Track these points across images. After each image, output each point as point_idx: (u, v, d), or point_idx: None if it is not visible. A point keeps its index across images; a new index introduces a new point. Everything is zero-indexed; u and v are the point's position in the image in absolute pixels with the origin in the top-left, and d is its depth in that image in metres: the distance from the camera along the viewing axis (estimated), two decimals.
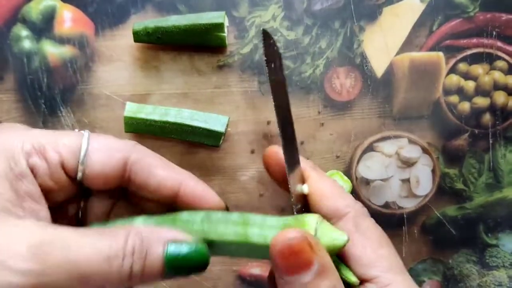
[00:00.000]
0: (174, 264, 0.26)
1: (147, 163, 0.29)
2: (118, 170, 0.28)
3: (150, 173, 0.29)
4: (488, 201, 0.48)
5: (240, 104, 0.47)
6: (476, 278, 0.48)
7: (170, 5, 0.47)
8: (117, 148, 0.29)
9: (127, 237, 0.25)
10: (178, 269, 0.26)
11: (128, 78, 0.47)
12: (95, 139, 0.29)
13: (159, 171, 0.29)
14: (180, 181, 0.29)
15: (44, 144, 0.27)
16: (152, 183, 0.29)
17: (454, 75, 0.47)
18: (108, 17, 0.47)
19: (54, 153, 0.27)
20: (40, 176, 0.27)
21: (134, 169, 0.29)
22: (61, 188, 0.28)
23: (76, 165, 0.28)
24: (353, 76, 0.47)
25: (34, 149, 0.27)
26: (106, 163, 0.28)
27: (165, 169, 0.29)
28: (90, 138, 0.28)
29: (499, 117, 0.47)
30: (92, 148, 0.28)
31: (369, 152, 0.47)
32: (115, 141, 0.29)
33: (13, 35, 0.46)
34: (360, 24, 0.47)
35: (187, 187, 0.29)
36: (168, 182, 0.29)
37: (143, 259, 0.25)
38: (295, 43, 0.47)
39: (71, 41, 0.47)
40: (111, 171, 0.28)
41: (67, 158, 0.27)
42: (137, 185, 0.29)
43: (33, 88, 0.47)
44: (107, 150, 0.28)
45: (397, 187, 0.47)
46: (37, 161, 0.27)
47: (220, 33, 0.45)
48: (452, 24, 0.47)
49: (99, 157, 0.28)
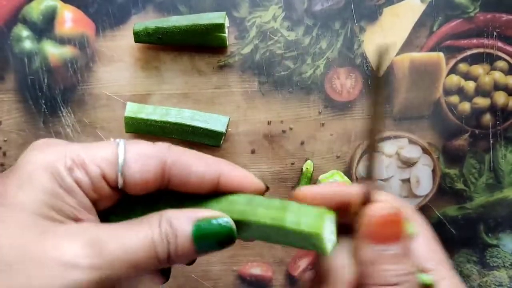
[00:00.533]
0: (202, 240, 0.28)
1: (184, 163, 0.30)
2: (156, 175, 0.29)
3: (189, 173, 0.30)
4: (489, 201, 0.48)
5: (240, 104, 0.47)
6: (477, 278, 0.48)
7: (170, 6, 0.47)
8: (153, 154, 0.30)
9: (160, 222, 0.28)
10: (207, 244, 0.28)
11: (129, 78, 0.47)
12: (130, 147, 0.30)
13: (197, 168, 0.30)
14: (218, 172, 0.30)
15: (83, 159, 0.28)
16: (192, 181, 0.30)
17: (454, 75, 0.47)
18: (109, 18, 0.47)
19: (94, 167, 0.28)
20: (84, 190, 0.28)
21: (173, 172, 0.29)
22: (104, 198, 0.29)
23: (115, 175, 0.29)
24: (353, 76, 0.47)
25: (75, 165, 0.28)
26: (144, 170, 0.29)
27: (202, 164, 0.30)
28: (126, 147, 0.30)
29: (499, 117, 0.47)
30: (129, 158, 0.29)
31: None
32: (150, 147, 0.30)
33: (14, 36, 0.46)
34: (360, 25, 0.47)
35: (226, 177, 0.30)
36: (207, 176, 0.30)
37: (174, 239, 0.27)
38: (296, 44, 0.47)
39: (71, 42, 0.47)
40: (150, 177, 0.29)
41: (107, 170, 0.28)
42: (177, 184, 0.30)
43: (33, 88, 0.47)
44: (144, 158, 0.29)
45: (397, 187, 0.47)
46: (79, 175, 0.28)
47: (220, 34, 0.45)
48: (452, 24, 0.47)
49: (136, 166, 0.29)
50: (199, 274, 0.47)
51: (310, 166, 0.47)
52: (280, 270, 0.48)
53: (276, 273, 0.48)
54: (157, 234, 0.27)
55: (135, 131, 0.46)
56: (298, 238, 0.28)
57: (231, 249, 0.47)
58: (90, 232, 0.27)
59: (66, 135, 0.47)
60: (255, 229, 0.29)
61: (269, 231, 0.29)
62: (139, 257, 0.27)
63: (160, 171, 0.29)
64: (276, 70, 0.47)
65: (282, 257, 0.48)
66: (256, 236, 0.30)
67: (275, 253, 0.47)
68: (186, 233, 0.28)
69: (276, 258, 0.48)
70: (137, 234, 0.27)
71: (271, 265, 0.48)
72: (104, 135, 0.47)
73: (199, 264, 0.47)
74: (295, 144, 0.47)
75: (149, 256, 0.27)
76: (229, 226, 0.29)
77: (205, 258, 0.47)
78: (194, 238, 0.28)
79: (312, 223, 0.28)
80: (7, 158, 0.47)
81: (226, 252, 0.47)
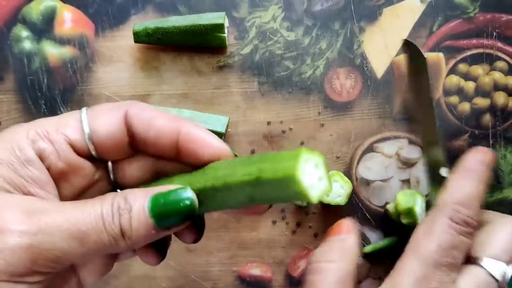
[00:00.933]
0: (158, 212, 0.26)
1: (146, 115, 0.29)
2: (121, 128, 0.28)
3: (149, 125, 0.28)
4: (489, 202, 0.48)
5: (240, 104, 0.47)
6: None
7: (170, 6, 0.47)
8: (114, 107, 0.29)
9: (113, 199, 0.27)
10: (165, 216, 0.27)
11: (128, 79, 0.47)
12: (92, 109, 0.29)
13: (157, 121, 0.28)
14: (177, 128, 0.28)
15: (47, 128, 0.28)
16: (151, 134, 0.28)
17: (454, 76, 0.47)
18: (108, 18, 0.47)
19: (58, 134, 0.28)
20: (49, 160, 0.27)
21: (134, 123, 0.28)
22: (76, 169, 0.28)
23: (83, 140, 0.28)
24: (353, 76, 0.47)
25: (38, 135, 0.27)
26: (108, 124, 0.28)
27: (163, 118, 0.29)
28: (88, 110, 0.29)
29: (499, 118, 0.47)
30: (92, 118, 0.28)
31: (369, 152, 0.47)
32: (111, 104, 0.30)
33: (13, 36, 0.46)
34: (360, 25, 0.47)
35: (186, 134, 0.28)
36: (166, 130, 0.28)
37: (128, 212, 0.26)
38: (295, 44, 0.47)
39: (71, 42, 0.47)
40: (116, 130, 0.28)
41: (71, 135, 0.28)
42: (140, 141, 0.29)
43: (33, 88, 0.47)
44: (106, 113, 0.29)
45: (397, 187, 0.47)
46: (43, 145, 0.27)
47: (220, 34, 0.45)
48: (452, 24, 0.47)
49: (100, 122, 0.28)
50: (199, 275, 0.47)
51: None
52: (280, 270, 0.48)
53: (275, 274, 0.48)
54: (107, 207, 0.26)
55: None
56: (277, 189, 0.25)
57: (231, 250, 0.47)
58: (31, 203, 0.26)
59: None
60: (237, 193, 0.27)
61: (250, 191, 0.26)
62: (84, 229, 0.25)
63: (123, 122, 0.28)
64: (276, 70, 0.47)
65: (282, 257, 0.47)
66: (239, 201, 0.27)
67: (275, 254, 0.47)
68: (141, 206, 0.26)
69: (276, 259, 0.47)
70: (85, 208, 0.26)
71: (271, 265, 0.47)
72: None
73: (199, 264, 0.47)
74: (294, 144, 0.47)
75: (96, 228, 0.26)
76: (189, 197, 0.27)
77: (205, 258, 0.47)
78: (150, 211, 0.26)
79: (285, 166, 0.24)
80: None
81: (225, 253, 0.47)
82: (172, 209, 0.27)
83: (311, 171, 0.24)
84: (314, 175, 0.25)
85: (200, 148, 0.28)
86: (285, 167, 0.24)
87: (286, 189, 0.24)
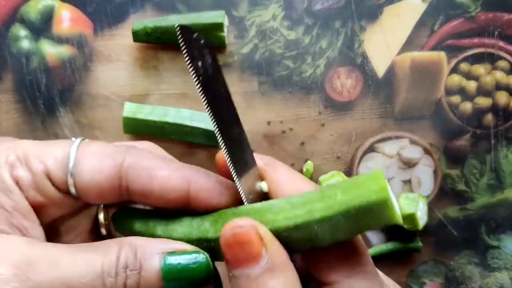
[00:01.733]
0: (173, 276, 0.24)
1: (144, 166, 0.25)
2: (111, 178, 0.25)
3: (151, 177, 0.25)
4: (490, 202, 0.47)
5: (239, 104, 0.47)
6: (478, 279, 0.48)
7: (169, 5, 0.47)
8: (108, 153, 0.26)
9: (120, 251, 0.24)
10: (178, 281, 0.24)
11: (127, 78, 0.47)
12: (84, 147, 0.26)
13: (160, 172, 0.25)
14: (187, 179, 0.25)
15: (29, 155, 0.25)
16: (155, 187, 0.25)
17: (455, 75, 0.47)
18: (107, 17, 0.47)
19: (38, 163, 0.25)
20: (26, 190, 0.25)
21: (131, 175, 0.25)
22: (54, 202, 0.26)
23: (64, 176, 0.25)
24: (354, 76, 0.47)
25: (18, 160, 0.25)
26: (97, 172, 0.25)
27: (167, 168, 0.26)
28: (80, 146, 0.26)
29: (501, 118, 0.47)
30: (81, 156, 0.25)
31: (370, 152, 0.47)
32: (106, 147, 0.26)
33: (11, 35, 0.46)
34: (361, 24, 0.47)
35: (198, 184, 0.25)
36: (172, 182, 0.25)
37: (137, 272, 0.23)
38: (296, 43, 0.47)
39: (69, 41, 0.46)
40: (104, 181, 0.25)
41: (52, 168, 0.25)
42: (139, 193, 0.26)
43: (31, 88, 0.46)
44: (97, 157, 0.25)
45: (399, 188, 0.47)
46: (21, 173, 0.25)
47: (219, 33, 0.45)
48: (453, 24, 0.47)
49: (88, 166, 0.25)
50: None
51: (310, 167, 0.46)
52: None
53: None
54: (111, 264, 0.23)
55: (134, 131, 0.46)
56: (361, 216, 0.22)
57: None
58: (18, 252, 0.23)
59: (64, 135, 0.46)
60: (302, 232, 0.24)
61: (321, 228, 0.23)
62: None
63: (116, 174, 0.25)
64: (276, 69, 0.47)
65: None
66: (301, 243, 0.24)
67: None
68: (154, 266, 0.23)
69: None
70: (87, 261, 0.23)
71: None
72: (102, 136, 0.46)
73: None
74: (295, 144, 0.47)
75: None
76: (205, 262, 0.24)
77: None
78: (163, 272, 0.23)
79: (373, 189, 0.22)
80: None
81: None
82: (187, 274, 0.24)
83: (389, 189, 0.22)
84: (391, 194, 0.23)
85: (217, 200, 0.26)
86: (373, 190, 0.22)
87: (376, 215, 0.22)
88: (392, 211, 0.22)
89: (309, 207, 0.23)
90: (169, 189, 0.25)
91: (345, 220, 0.22)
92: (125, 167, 0.25)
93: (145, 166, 0.25)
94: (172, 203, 0.26)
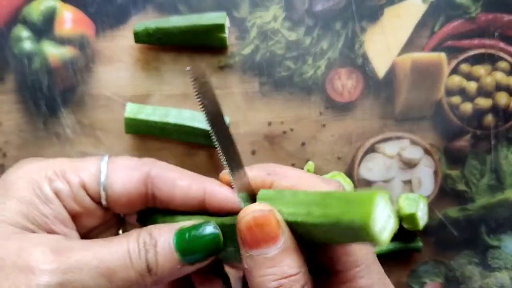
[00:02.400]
0: (185, 247, 0.27)
1: (169, 176, 0.30)
2: (139, 188, 0.29)
3: (174, 185, 0.29)
4: (490, 203, 0.48)
5: (240, 105, 0.47)
6: (478, 279, 0.48)
7: (171, 6, 0.47)
8: (136, 166, 0.30)
9: (139, 235, 0.27)
10: (191, 252, 0.27)
11: (129, 79, 0.47)
12: (113, 161, 0.30)
13: (182, 182, 0.30)
14: (203, 188, 0.30)
15: (65, 169, 0.29)
16: (177, 195, 0.29)
17: (456, 76, 0.47)
18: (109, 18, 0.47)
19: (74, 176, 0.29)
20: (64, 200, 0.28)
21: (157, 184, 0.29)
22: (89, 212, 0.29)
23: (98, 187, 0.29)
24: (354, 77, 0.47)
25: (56, 175, 0.28)
26: (127, 182, 0.29)
27: (187, 179, 0.30)
28: (109, 161, 0.30)
29: (501, 118, 0.47)
30: (111, 170, 0.29)
31: (370, 153, 0.47)
32: (133, 160, 0.30)
33: (13, 36, 0.46)
34: (361, 25, 0.47)
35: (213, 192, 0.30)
36: (192, 191, 0.30)
37: (153, 247, 0.27)
38: (296, 44, 0.47)
39: (71, 42, 0.46)
40: (133, 189, 0.29)
41: (87, 181, 0.29)
42: (163, 200, 0.30)
43: (33, 89, 0.47)
44: (126, 170, 0.29)
45: (399, 188, 0.47)
46: (59, 185, 0.28)
47: (221, 34, 0.45)
48: (454, 24, 0.47)
49: (118, 177, 0.29)
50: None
51: (311, 167, 0.47)
52: None
53: None
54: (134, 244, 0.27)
55: (135, 132, 0.46)
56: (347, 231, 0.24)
57: None
58: (58, 241, 0.27)
59: (66, 136, 0.46)
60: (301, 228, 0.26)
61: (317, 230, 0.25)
62: (112, 266, 0.26)
63: (143, 184, 0.29)
64: (277, 70, 0.47)
65: None
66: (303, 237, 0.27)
67: None
68: (167, 241, 0.27)
69: None
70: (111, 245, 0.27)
71: None
72: (104, 136, 0.47)
73: None
74: (295, 145, 0.47)
75: (124, 265, 0.26)
76: (213, 232, 0.28)
77: None
78: (176, 246, 0.27)
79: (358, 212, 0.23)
80: (7, 159, 0.46)
81: None
82: (198, 244, 0.27)
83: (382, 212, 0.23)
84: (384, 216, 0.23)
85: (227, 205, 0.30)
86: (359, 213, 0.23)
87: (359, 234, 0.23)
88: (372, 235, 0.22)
89: (309, 209, 0.26)
90: (189, 197, 0.29)
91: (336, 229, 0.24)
92: (151, 177, 0.29)
93: (169, 176, 0.30)
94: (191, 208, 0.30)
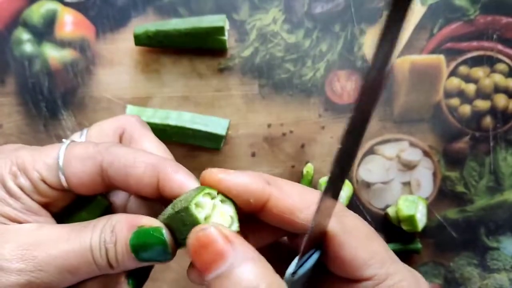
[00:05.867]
0: (137, 249, 0.27)
1: (121, 165, 0.28)
2: (95, 179, 0.29)
3: (126, 175, 0.28)
4: (489, 204, 0.48)
5: (240, 107, 0.47)
6: (477, 281, 0.48)
7: (171, 9, 0.47)
8: (89, 156, 0.29)
9: (103, 228, 0.28)
10: (143, 252, 0.27)
11: (129, 82, 0.47)
12: (69, 151, 0.29)
13: (135, 170, 0.28)
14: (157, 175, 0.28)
15: (26, 165, 0.29)
16: (131, 184, 0.29)
17: (454, 78, 0.47)
18: (109, 21, 0.47)
19: (34, 172, 0.29)
20: (29, 194, 0.29)
21: (110, 173, 0.29)
22: (57, 198, 0.30)
23: (57, 179, 0.29)
24: (353, 79, 0.47)
25: (18, 170, 0.29)
26: (81, 173, 0.29)
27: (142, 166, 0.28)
28: (66, 151, 0.29)
29: (499, 120, 0.47)
30: (67, 162, 0.29)
31: (369, 155, 0.47)
32: (88, 148, 0.29)
33: (14, 39, 0.46)
34: (360, 27, 0.47)
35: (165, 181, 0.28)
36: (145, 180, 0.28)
37: (113, 245, 0.27)
38: (296, 46, 0.47)
39: (72, 45, 0.47)
40: (89, 182, 0.29)
41: (46, 175, 0.29)
42: (121, 188, 0.29)
43: (34, 91, 0.47)
44: (79, 161, 0.29)
45: (398, 190, 0.47)
46: (22, 181, 0.29)
47: (220, 37, 0.45)
48: (452, 27, 0.47)
49: (72, 169, 0.29)
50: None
51: (311, 169, 0.47)
52: None
53: None
54: (96, 240, 0.27)
55: None
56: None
57: None
58: (27, 235, 0.28)
59: (66, 138, 0.47)
60: None
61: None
62: (75, 263, 0.27)
63: (98, 174, 0.29)
64: (276, 73, 0.47)
65: None
66: None
67: None
68: (124, 240, 0.27)
69: None
70: (76, 241, 0.27)
71: None
72: None
73: None
74: (295, 147, 0.47)
75: (86, 262, 0.27)
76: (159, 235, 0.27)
77: None
78: (131, 246, 0.27)
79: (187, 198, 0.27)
80: None
81: None
82: (147, 248, 0.27)
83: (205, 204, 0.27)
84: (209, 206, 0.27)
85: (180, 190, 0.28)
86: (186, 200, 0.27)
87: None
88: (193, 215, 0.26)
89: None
90: (143, 186, 0.29)
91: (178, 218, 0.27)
92: (104, 167, 0.29)
93: (122, 164, 0.29)
94: (150, 196, 0.29)
